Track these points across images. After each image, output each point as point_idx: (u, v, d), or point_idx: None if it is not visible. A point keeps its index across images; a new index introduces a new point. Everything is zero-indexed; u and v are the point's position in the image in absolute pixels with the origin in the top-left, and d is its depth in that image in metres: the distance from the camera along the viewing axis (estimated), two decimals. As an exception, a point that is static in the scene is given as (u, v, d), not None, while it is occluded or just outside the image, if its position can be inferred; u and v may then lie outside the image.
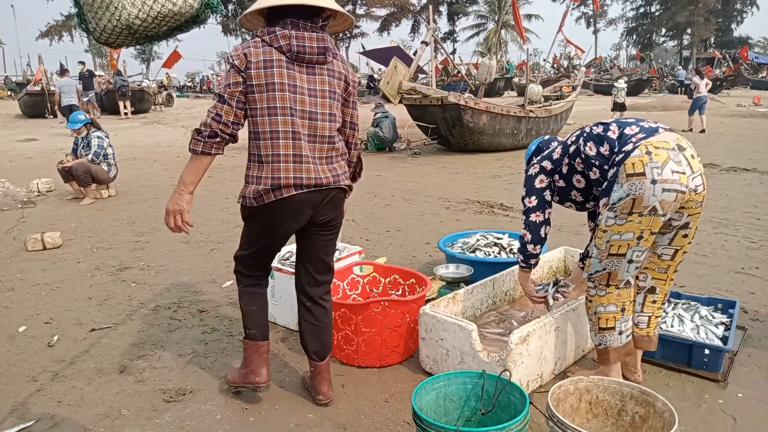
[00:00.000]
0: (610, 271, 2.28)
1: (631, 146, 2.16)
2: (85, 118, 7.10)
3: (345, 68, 2.29)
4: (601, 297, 2.34)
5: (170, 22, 1.90)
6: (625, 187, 2.13)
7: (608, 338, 2.37)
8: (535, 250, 2.57)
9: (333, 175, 2.25)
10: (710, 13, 48.97)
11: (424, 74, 20.13)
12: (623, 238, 2.19)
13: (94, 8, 1.84)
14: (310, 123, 2.19)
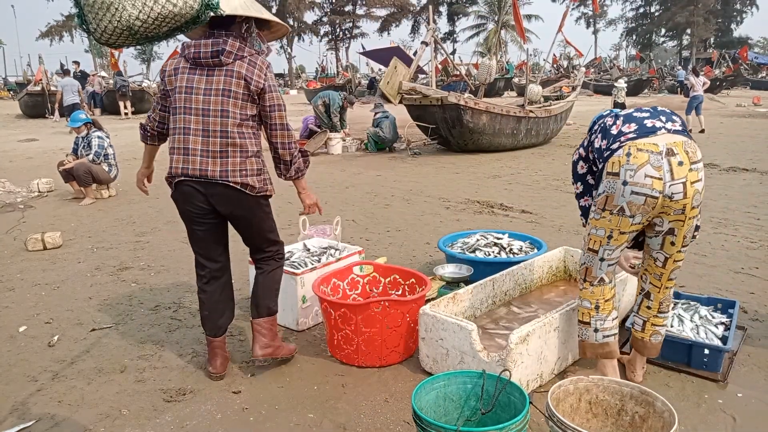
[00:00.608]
0: (587, 266, 2.42)
1: (617, 145, 2.24)
2: (85, 117, 7.11)
3: (250, 70, 2.47)
4: (581, 291, 2.47)
5: (170, 22, 1.90)
6: (603, 183, 2.26)
7: (584, 332, 2.47)
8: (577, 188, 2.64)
9: (221, 170, 2.50)
10: (710, 14, 48.96)
11: (424, 74, 20.14)
12: (597, 233, 2.33)
13: (94, 9, 1.84)
14: (203, 119, 2.48)
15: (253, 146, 2.56)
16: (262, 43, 2.64)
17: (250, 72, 2.47)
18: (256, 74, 2.48)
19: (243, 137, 2.51)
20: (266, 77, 2.52)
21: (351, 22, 49.27)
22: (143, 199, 6.97)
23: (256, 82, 2.48)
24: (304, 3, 45.03)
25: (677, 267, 2.40)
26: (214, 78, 2.46)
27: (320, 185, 7.50)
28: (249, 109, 2.52)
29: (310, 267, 3.21)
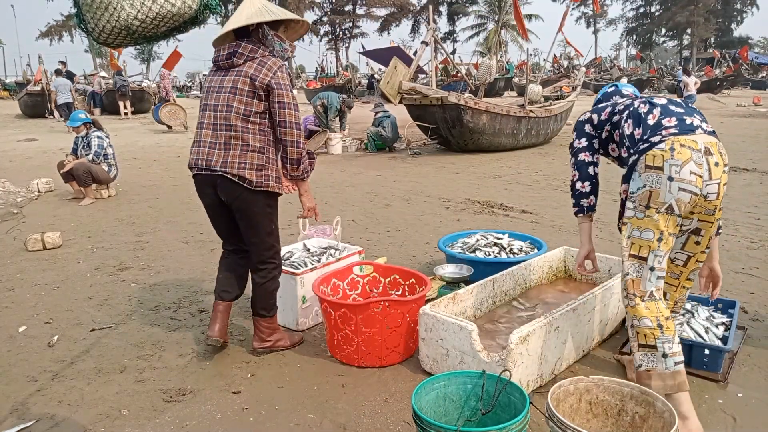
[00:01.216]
0: (632, 278, 2.17)
1: (658, 138, 2.13)
2: (85, 117, 7.10)
3: (258, 69, 2.63)
4: (632, 308, 2.17)
5: (169, 23, 1.90)
6: (643, 178, 2.13)
7: (650, 359, 2.12)
8: (584, 187, 2.46)
9: (222, 161, 2.64)
10: (710, 13, 48.95)
11: (424, 74, 20.13)
12: (643, 236, 2.13)
13: (93, 9, 1.84)
14: (214, 114, 2.68)
15: (257, 141, 2.66)
16: (282, 42, 2.74)
17: (257, 71, 2.62)
18: (263, 72, 2.62)
19: (246, 132, 2.64)
20: (274, 75, 2.63)
21: (351, 21, 49.27)
22: (143, 199, 6.97)
23: (261, 79, 2.61)
24: (304, 3, 45.01)
25: (697, 267, 2.38)
26: (226, 77, 2.67)
27: (320, 185, 7.50)
28: (255, 105, 2.65)
29: (310, 267, 3.21)
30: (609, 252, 4.10)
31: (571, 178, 2.53)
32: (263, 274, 2.84)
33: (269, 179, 2.69)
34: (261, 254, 2.82)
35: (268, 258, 2.82)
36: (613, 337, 3.06)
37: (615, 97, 2.59)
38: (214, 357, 2.93)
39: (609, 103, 2.50)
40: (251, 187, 2.65)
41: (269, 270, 2.84)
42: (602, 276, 3.43)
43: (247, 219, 2.75)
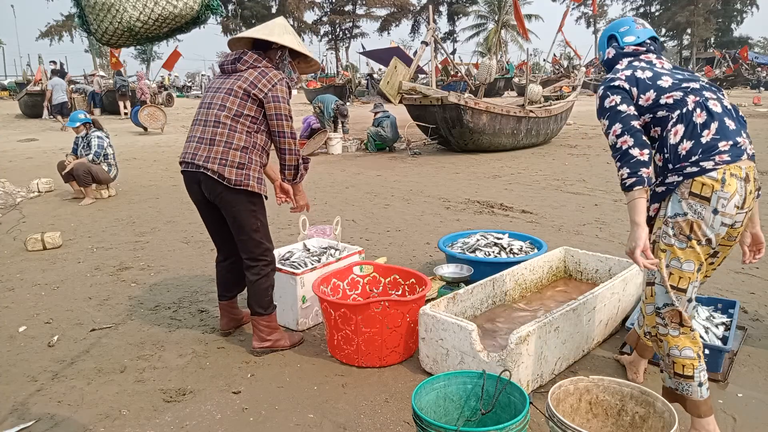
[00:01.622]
0: (677, 309, 2.04)
1: (711, 165, 1.93)
2: (84, 117, 7.10)
3: (257, 78, 2.73)
4: (674, 338, 2.06)
5: (171, 23, 1.90)
6: (684, 205, 1.96)
7: (686, 387, 2.07)
8: (642, 155, 1.99)
9: (206, 156, 2.71)
10: (710, 13, 48.93)
11: (424, 74, 20.13)
12: (684, 268, 1.99)
13: (95, 10, 1.84)
14: (207, 111, 2.77)
15: (242, 141, 2.73)
16: (293, 71, 2.92)
17: (256, 80, 2.73)
18: (262, 83, 2.72)
19: (233, 130, 2.72)
20: (273, 87, 2.72)
21: (351, 21, 49.26)
22: (143, 199, 6.97)
23: (259, 89, 2.71)
24: (304, 3, 45.02)
25: (704, 281, 2.27)
26: (227, 80, 2.78)
27: (320, 185, 7.50)
28: (247, 108, 2.73)
29: (310, 267, 3.21)
30: (609, 252, 4.10)
31: (618, 145, 2.03)
32: (255, 271, 2.86)
33: (249, 179, 2.73)
34: (250, 251, 2.85)
35: (257, 255, 2.84)
36: (613, 337, 3.06)
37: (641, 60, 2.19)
38: (214, 357, 2.93)
39: (650, 79, 2.10)
40: (231, 186, 2.70)
41: (260, 267, 2.86)
42: (602, 276, 3.43)
43: (231, 217, 2.80)
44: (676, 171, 1.97)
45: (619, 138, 2.03)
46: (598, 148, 10.70)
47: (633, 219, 1.97)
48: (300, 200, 3.06)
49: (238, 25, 43.88)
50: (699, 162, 1.94)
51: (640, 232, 1.96)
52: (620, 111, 2.05)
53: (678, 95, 2.03)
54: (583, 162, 9.06)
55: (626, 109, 2.06)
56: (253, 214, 2.79)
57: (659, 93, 2.06)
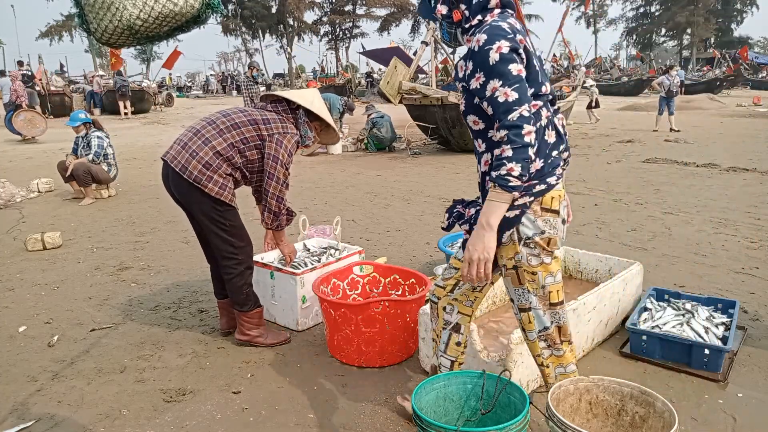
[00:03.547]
0: (559, 324, 1.96)
1: (554, 180, 1.81)
2: (85, 117, 7.09)
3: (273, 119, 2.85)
4: (560, 357, 1.99)
5: (171, 22, 1.90)
6: (540, 223, 1.81)
7: None
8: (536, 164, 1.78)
9: (177, 153, 2.77)
10: (710, 13, 48.93)
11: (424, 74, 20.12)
12: (557, 280, 1.90)
13: (95, 9, 1.84)
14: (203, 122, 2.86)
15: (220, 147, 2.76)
16: (309, 131, 2.98)
17: (273, 120, 2.86)
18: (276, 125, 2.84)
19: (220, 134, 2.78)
20: (282, 135, 2.82)
21: (351, 21, 49.25)
22: (143, 199, 6.97)
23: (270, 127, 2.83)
24: (304, 3, 45.02)
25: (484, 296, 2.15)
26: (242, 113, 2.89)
27: (320, 185, 7.50)
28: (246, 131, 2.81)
29: (310, 267, 3.21)
30: (609, 252, 4.10)
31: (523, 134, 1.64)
32: (226, 270, 2.90)
33: (210, 181, 2.73)
34: (219, 250, 2.88)
35: (226, 254, 2.87)
36: (613, 337, 3.06)
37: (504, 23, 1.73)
38: (214, 357, 2.93)
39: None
40: (190, 180, 2.71)
41: (231, 266, 2.89)
42: (602, 276, 3.43)
43: (198, 216, 2.84)
44: (526, 191, 1.75)
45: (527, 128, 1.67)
46: (598, 148, 10.70)
47: (490, 222, 1.69)
48: (284, 249, 3.06)
49: (238, 25, 43.90)
50: (545, 179, 1.79)
51: (493, 241, 1.72)
52: (527, 89, 1.70)
53: (538, 103, 1.78)
54: (583, 162, 9.06)
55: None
56: (218, 213, 2.79)
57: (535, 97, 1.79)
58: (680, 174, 7.86)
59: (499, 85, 1.65)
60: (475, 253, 1.71)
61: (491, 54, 1.65)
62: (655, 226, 5.24)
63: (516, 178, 1.64)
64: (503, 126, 1.64)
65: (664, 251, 4.48)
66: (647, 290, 3.25)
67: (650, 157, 9.17)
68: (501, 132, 1.65)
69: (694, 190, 6.74)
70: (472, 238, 1.73)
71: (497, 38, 1.66)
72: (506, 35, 1.67)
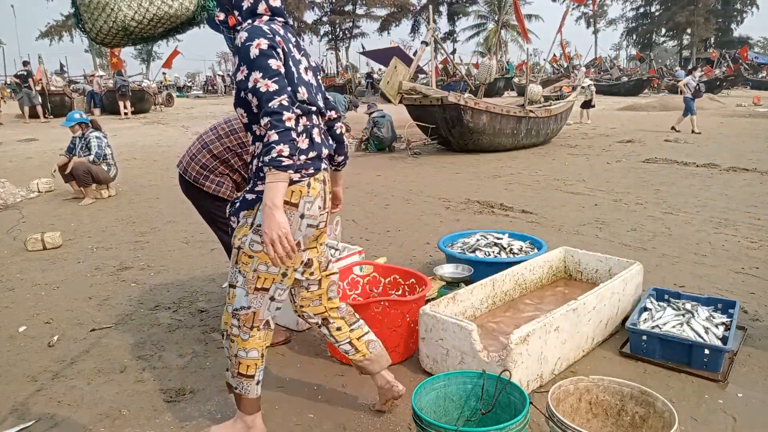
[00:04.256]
0: (255, 310, 2.05)
1: (298, 177, 1.93)
2: (80, 117, 7.07)
3: None
4: (244, 341, 2.07)
5: (166, 23, 1.90)
6: None
7: (245, 386, 2.11)
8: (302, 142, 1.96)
9: (183, 158, 3.00)
10: (710, 13, 48.90)
11: (424, 74, 20.14)
12: (270, 271, 2.00)
13: (90, 9, 1.84)
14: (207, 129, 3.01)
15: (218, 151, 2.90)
16: None
17: None
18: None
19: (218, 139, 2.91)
20: None
21: (351, 21, 49.23)
22: (143, 199, 6.97)
23: None
24: (304, 3, 45.00)
25: (333, 282, 2.28)
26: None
27: (320, 185, 7.49)
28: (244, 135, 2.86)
29: (310, 267, 3.21)
30: (609, 252, 4.10)
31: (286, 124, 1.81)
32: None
33: (207, 180, 2.88)
34: (223, 244, 3.01)
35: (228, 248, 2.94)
36: (613, 337, 3.06)
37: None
38: (214, 357, 2.93)
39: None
40: (190, 180, 2.91)
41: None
42: (602, 276, 3.43)
43: (201, 214, 3.03)
44: (262, 181, 1.91)
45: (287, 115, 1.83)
46: (598, 148, 10.71)
47: (275, 202, 1.80)
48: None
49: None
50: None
51: (283, 216, 1.83)
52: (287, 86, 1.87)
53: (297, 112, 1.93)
54: (583, 162, 9.06)
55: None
56: (218, 208, 2.89)
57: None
58: (680, 174, 7.86)
59: (260, 77, 1.81)
60: (272, 233, 1.80)
61: (251, 49, 1.83)
62: (655, 226, 5.24)
63: (287, 158, 1.78)
64: (265, 113, 1.79)
65: (664, 251, 4.48)
66: (647, 290, 3.25)
67: (650, 157, 9.17)
68: (264, 119, 1.79)
69: (694, 190, 6.75)
70: (264, 222, 1.82)
71: (256, 36, 1.85)
72: (265, 35, 1.87)
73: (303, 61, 2.05)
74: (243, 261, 2.00)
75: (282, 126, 1.77)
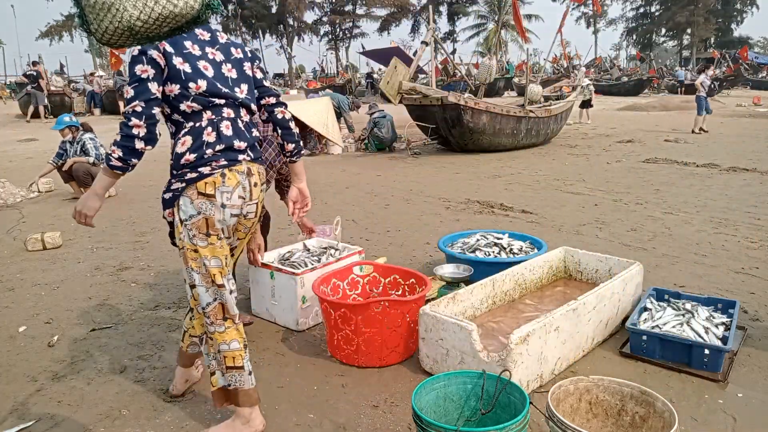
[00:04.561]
0: (221, 302, 2.14)
1: (208, 170, 2.06)
2: (70, 120, 7.04)
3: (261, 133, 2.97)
4: (221, 334, 2.14)
5: (171, 23, 1.89)
6: (196, 206, 2.06)
7: (238, 378, 2.15)
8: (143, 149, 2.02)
9: None
10: (710, 13, 48.92)
11: (424, 74, 20.13)
12: (213, 264, 2.10)
13: (95, 10, 1.83)
14: None
15: None
16: (318, 141, 3.29)
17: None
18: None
19: None
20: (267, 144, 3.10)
21: (351, 21, 49.26)
22: (143, 199, 6.97)
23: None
24: (304, 3, 45.02)
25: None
26: None
27: (320, 185, 7.50)
28: None
29: (310, 267, 3.21)
30: (609, 252, 4.10)
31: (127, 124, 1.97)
32: None
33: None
34: None
35: None
36: (613, 337, 3.06)
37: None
38: (214, 357, 2.93)
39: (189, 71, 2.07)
40: None
41: None
42: (602, 276, 3.44)
43: None
44: (178, 177, 2.08)
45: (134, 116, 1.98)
46: (598, 148, 10.71)
47: (96, 189, 2.04)
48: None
49: (238, 25, 43.88)
50: (197, 169, 2.06)
51: (97, 203, 2.05)
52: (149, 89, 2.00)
53: (197, 107, 2.09)
54: (583, 162, 9.06)
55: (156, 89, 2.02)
56: None
57: (185, 93, 2.07)
58: (680, 174, 7.86)
59: (128, 83, 2.00)
60: (78, 205, 2.07)
61: (131, 56, 2.04)
62: (655, 226, 5.24)
63: (117, 160, 1.97)
64: (123, 115, 1.98)
65: (664, 251, 4.48)
66: (647, 290, 3.25)
67: (650, 157, 9.17)
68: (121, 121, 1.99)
69: (694, 190, 6.75)
70: (80, 198, 2.09)
71: None
72: None
73: (217, 55, 2.15)
74: (191, 258, 2.09)
75: (126, 132, 1.96)
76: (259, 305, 3.39)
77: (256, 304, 3.40)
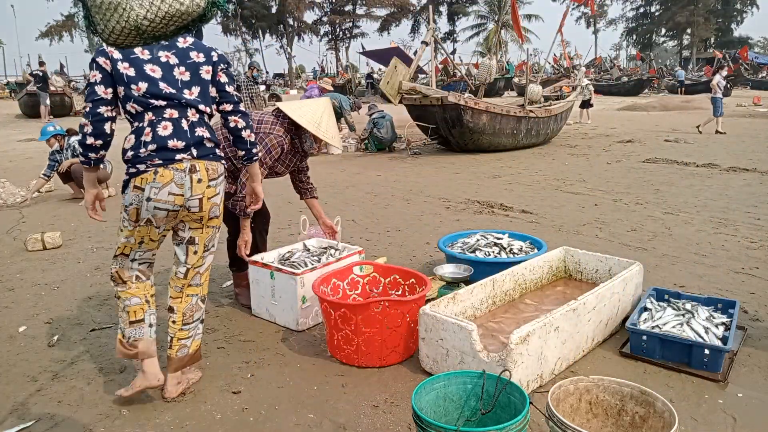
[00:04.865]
0: (118, 268, 2.46)
1: (144, 167, 2.29)
2: (54, 129, 7.01)
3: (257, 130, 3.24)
4: (122, 292, 2.46)
5: (177, 21, 1.89)
6: (132, 196, 2.31)
7: (138, 332, 2.45)
8: (95, 144, 2.32)
9: None
10: (710, 13, 48.94)
11: (424, 74, 20.14)
12: (130, 241, 2.41)
13: (102, 10, 1.83)
14: None
15: None
16: (314, 142, 3.40)
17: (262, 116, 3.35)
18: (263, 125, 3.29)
19: None
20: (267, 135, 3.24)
21: (351, 21, 49.25)
22: (143, 199, 6.97)
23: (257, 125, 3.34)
24: (304, 3, 45.02)
25: (198, 274, 2.57)
26: None
27: (320, 185, 7.48)
28: None
29: (310, 267, 3.21)
30: (609, 252, 4.10)
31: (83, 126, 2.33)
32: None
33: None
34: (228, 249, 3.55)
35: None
36: (613, 337, 3.06)
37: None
38: (214, 357, 2.93)
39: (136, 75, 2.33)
40: None
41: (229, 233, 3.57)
42: (602, 276, 3.43)
43: None
44: (126, 171, 2.34)
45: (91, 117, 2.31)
46: (598, 148, 10.71)
47: (86, 186, 2.47)
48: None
49: (238, 25, 43.91)
50: (135, 165, 2.30)
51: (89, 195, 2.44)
52: (95, 92, 2.28)
53: (139, 108, 2.33)
54: (583, 162, 9.06)
55: (103, 92, 2.28)
56: None
57: (128, 94, 2.31)
58: (680, 174, 7.86)
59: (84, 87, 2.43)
60: (85, 203, 2.48)
61: None
62: (655, 226, 5.24)
63: (80, 155, 2.37)
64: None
65: (664, 251, 4.48)
66: (647, 290, 3.25)
67: (650, 157, 9.17)
68: None
69: (694, 190, 6.75)
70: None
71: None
72: (99, 47, 2.28)
73: (171, 59, 2.34)
74: (119, 233, 2.45)
75: (80, 130, 2.33)
76: (259, 305, 3.39)
77: (256, 304, 3.40)
